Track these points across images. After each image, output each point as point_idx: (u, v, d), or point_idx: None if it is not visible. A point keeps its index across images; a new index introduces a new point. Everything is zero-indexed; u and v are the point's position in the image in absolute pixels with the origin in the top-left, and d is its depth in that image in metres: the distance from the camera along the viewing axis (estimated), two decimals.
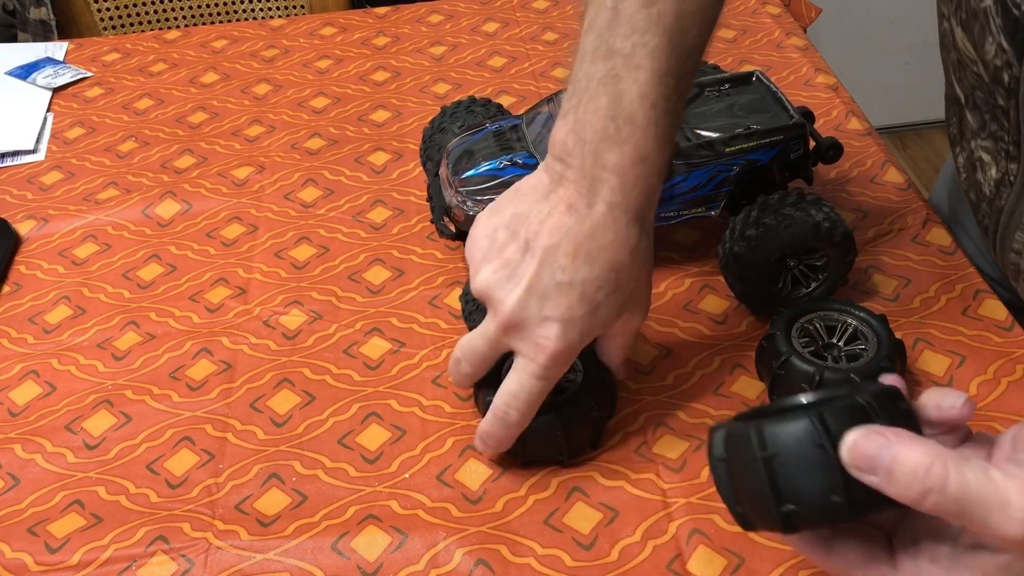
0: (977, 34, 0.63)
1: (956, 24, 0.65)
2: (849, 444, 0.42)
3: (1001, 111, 0.65)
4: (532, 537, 0.60)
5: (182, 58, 1.09)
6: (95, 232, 0.86)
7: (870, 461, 0.42)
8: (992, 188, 0.71)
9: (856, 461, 0.42)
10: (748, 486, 0.45)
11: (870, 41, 2.17)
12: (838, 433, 0.43)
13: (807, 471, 0.43)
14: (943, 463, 0.41)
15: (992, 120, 0.67)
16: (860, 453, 0.42)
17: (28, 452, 0.67)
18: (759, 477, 0.44)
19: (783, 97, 0.75)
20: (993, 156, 0.69)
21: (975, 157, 0.71)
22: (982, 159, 0.71)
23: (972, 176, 0.73)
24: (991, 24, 0.61)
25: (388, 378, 0.71)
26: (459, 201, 0.73)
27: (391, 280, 0.79)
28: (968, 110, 0.70)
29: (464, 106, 0.83)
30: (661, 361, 0.70)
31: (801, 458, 0.43)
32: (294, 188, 0.89)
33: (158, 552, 0.60)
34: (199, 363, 0.73)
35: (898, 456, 0.41)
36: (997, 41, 0.61)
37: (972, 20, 0.63)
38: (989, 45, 0.62)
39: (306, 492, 0.63)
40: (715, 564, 0.58)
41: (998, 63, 0.62)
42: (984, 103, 0.67)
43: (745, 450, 0.45)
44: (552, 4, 1.14)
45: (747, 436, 0.45)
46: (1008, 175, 0.68)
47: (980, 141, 0.70)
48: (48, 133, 0.99)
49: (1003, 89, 0.63)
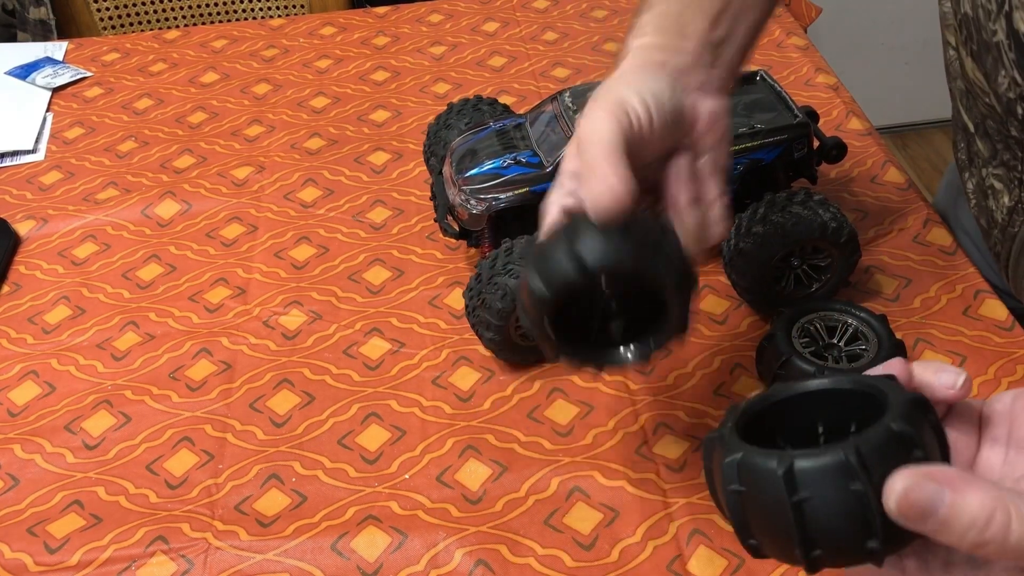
0: (989, 67, 0.62)
1: (966, 55, 0.65)
2: (899, 494, 0.37)
3: (1015, 141, 0.65)
4: (532, 537, 0.60)
5: (182, 58, 1.09)
6: (95, 232, 0.86)
7: (922, 513, 0.37)
8: (1004, 216, 0.70)
9: (906, 512, 0.37)
10: (769, 524, 0.40)
11: (870, 41, 2.17)
12: (877, 472, 0.38)
13: (842, 516, 0.38)
14: (1005, 512, 0.36)
15: (1005, 149, 0.67)
16: (912, 504, 0.37)
17: (28, 452, 0.67)
18: (784, 519, 0.39)
19: (787, 96, 0.75)
20: (1006, 184, 0.69)
21: (986, 184, 0.71)
22: (994, 187, 0.70)
23: (983, 203, 0.73)
24: (1004, 58, 0.60)
25: (388, 378, 0.71)
26: (462, 200, 0.73)
27: (391, 280, 0.79)
28: (979, 138, 0.70)
29: (471, 104, 0.83)
30: (661, 361, 0.70)
31: (836, 501, 0.38)
32: (294, 188, 0.89)
33: (158, 552, 0.60)
34: (199, 363, 0.73)
35: (956, 505, 0.36)
36: (1010, 75, 0.60)
37: (984, 53, 0.62)
38: (1002, 78, 0.61)
39: (306, 492, 0.63)
40: (715, 564, 0.58)
41: (1011, 95, 0.62)
42: (996, 133, 0.67)
43: (768, 485, 0.39)
44: (552, 4, 1.13)
45: (771, 473, 0.39)
46: (1021, 203, 0.68)
47: (992, 169, 0.70)
48: (48, 133, 0.99)
49: (1016, 121, 0.63)
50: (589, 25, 1.09)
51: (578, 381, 0.69)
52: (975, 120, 0.69)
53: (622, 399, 0.68)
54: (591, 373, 0.68)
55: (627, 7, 1.11)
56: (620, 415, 0.67)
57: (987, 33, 0.61)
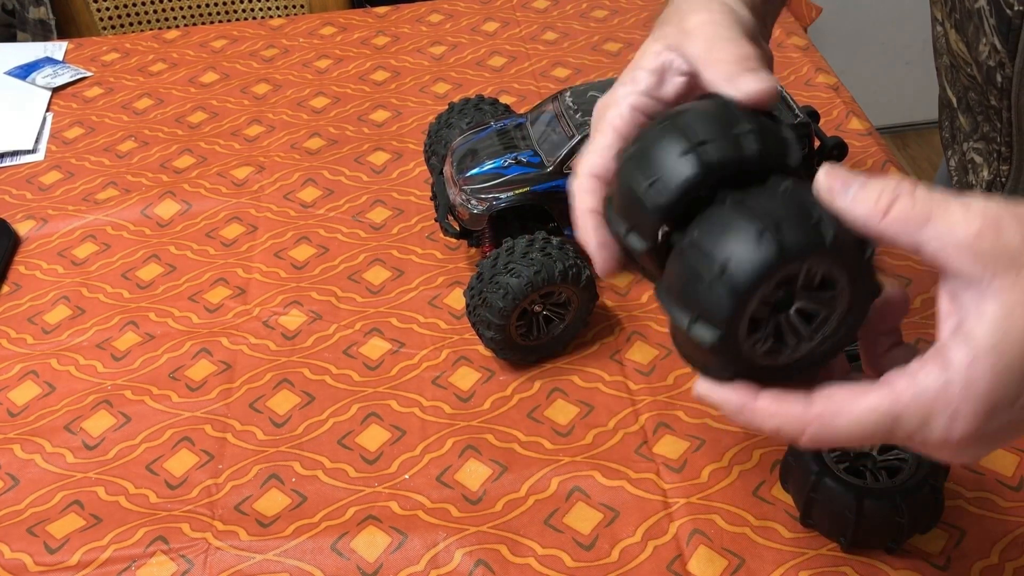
0: (971, 35, 0.63)
1: (950, 27, 0.66)
2: (825, 172, 0.40)
3: (994, 112, 0.65)
4: (532, 537, 0.60)
5: (181, 58, 1.09)
6: (94, 232, 0.86)
7: (844, 183, 0.39)
8: (983, 190, 0.71)
9: (832, 183, 0.39)
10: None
11: (870, 41, 2.17)
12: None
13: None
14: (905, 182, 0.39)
15: (985, 121, 0.67)
16: (835, 175, 0.39)
17: (27, 452, 0.67)
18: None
19: (788, 96, 0.75)
20: (985, 158, 0.69)
21: (967, 159, 0.72)
22: (974, 161, 0.71)
23: (964, 179, 0.73)
24: (985, 24, 0.61)
25: (388, 378, 0.71)
26: (463, 199, 0.73)
27: (391, 280, 0.79)
28: (961, 112, 0.70)
29: (472, 104, 0.83)
30: (661, 361, 0.70)
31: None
32: (294, 188, 0.89)
33: (157, 552, 0.60)
34: (198, 363, 0.73)
35: (867, 181, 0.39)
36: (991, 42, 0.61)
37: (966, 21, 0.63)
38: (983, 46, 0.62)
39: (306, 492, 0.63)
40: (715, 564, 0.57)
41: (991, 63, 0.62)
42: (977, 105, 0.67)
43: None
44: (552, 4, 1.13)
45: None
46: (1000, 176, 0.68)
47: (972, 143, 0.70)
48: (47, 133, 0.99)
49: (996, 89, 0.63)
50: (589, 25, 1.09)
51: (578, 381, 0.69)
52: (958, 94, 0.70)
53: (622, 399, 0.68)
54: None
55: (627, 7, 1.11)
56: (620, 415, 0.67)
57: (969, 1, 0.62)
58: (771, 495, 0.61)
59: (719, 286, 0.38)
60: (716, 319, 0.39)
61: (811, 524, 0.58)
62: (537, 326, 0.69)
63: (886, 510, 0.54)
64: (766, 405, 0.40)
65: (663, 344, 0.71)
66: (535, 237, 0.68)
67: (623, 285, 0.76)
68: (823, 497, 0.55)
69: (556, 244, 0.68)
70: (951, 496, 0.59)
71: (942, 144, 0.78)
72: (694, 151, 0.40)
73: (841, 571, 0.57)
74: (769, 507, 0.60)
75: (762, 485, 0.61)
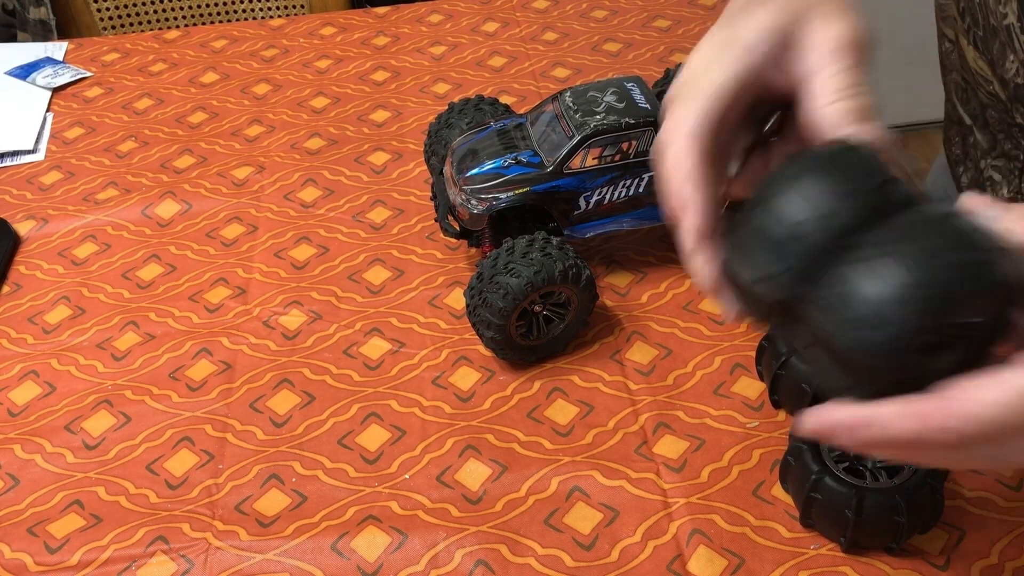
0: (996, 52, 0.62)
1: (968, 44, 0.64)
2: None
3: (1018, 129, 0.65)
4: (532, 537, 0.60)
5: (182, 58, 1.09)
6: (95, 232, 0.86)
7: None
8: None
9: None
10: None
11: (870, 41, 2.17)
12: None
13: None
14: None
15: (1006, 139, 0.67)
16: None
17: (28, 452, 0.67)
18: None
19: None
20: (1005, 175, 0.68)
21: (984, 177, 0.71)
22: (992, 179, 0.70)
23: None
24: (1014, 41, 0.60)
25: (388, 378, 0.71)
26: (463, 199, 0.73)
27: (391, 280, 0.79)
28: (977, 130, 0.69)
29: (472, 104, 0.83)
30: (661, 361, 0.70)
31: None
32: (294, 188, 0.89)
33: (158, 552, 0.60)
34: (199, 363, 0.73)
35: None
36: (1020, 58, 0.60)
37: (991, 38, 0.62)
38: (1010, 63, 0.61)
39: (306, 492, 0.63)
40: (715, 564, 0.58)
41: (1020, 80, 0.61)
42: (998, 123, 0.66)
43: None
44: (552, 4, 1.13)
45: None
46: (1021, 193, 0.68)
47: (991, 161, 0.69)
48: (48, 133, 0.99)
49: (1023, 107, 0.63)
50: (589, 25, 1.09)
51: (578, 381, 0.69)
52: (973, 112, 0.69)
53: (622, 399, 0.68)
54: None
55: (627, 7, 1.11)
56: (620, 415, 0.67)
57: (996, 17, 0.61)
58: (771, 495, 0.61)
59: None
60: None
61: (811, 524, 0.58)
62: (537, 326, 0.69)
63: (886, 510, 0.54)
64: (893, 409, 0.38)
65: (663, 344, 0.72)
66: (535, 237, 0.68)
67: (623, 285, 0.76)
68: (823, 497, 0.56)
69: (556, 244, 0.68)
70: (951, 496, 0.59)
71: (950, 161, 0.77)
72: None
73: (841, 571, 0.57)
74: (769, 507, 0.60)
75: (762, 485, 0.61)
